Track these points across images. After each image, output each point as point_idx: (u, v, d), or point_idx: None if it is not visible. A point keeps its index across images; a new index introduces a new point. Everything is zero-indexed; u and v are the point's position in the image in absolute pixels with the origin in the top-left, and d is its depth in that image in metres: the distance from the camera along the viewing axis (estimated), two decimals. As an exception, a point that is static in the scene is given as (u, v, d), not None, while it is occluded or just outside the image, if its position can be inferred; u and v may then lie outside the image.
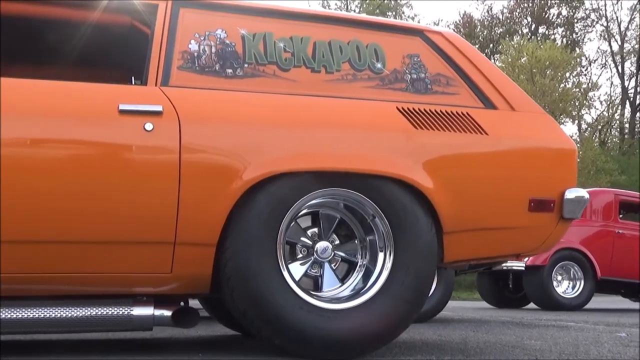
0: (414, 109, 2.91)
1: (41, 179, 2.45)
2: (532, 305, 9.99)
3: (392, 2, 33.08)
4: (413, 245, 2.78)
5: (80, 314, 2.52)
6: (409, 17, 33.07)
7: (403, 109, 2.90)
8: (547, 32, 34.09)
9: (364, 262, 2.86)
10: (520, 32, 33.97)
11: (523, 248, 3.09)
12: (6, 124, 2.44)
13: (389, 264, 2.78)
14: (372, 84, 2.98)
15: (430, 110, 2.93)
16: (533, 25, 34.07)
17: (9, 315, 2.45)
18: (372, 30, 3.10)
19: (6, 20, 2.95)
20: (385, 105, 2.92)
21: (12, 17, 2.93)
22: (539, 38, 31.87)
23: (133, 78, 3.00)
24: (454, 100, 3.03)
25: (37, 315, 2.47)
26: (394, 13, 32.47)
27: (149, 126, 2.55)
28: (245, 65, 2.84)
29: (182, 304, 2.81)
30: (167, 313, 2.65)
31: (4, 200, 2.39)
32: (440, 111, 2.94)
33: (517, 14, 34.14)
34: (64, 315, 2.50)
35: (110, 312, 2.56)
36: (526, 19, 34.30)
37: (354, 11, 31.24)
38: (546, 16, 33.90)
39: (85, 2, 2.84)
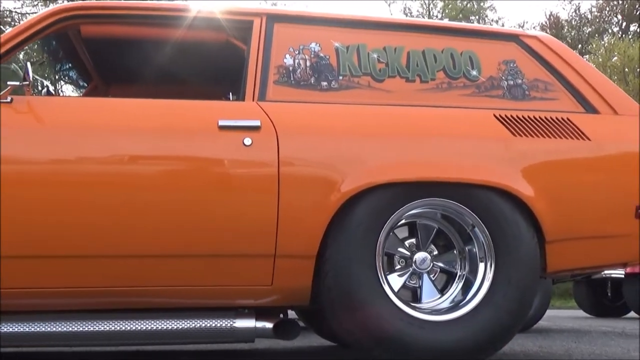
0: (511, 116, 2.86)
1: (146, 194, 2.53)
2: (632, 314, 9.60)
3: (475, 6, 32.61)
4: (515, 256, 2.72)
5: (186, 326, 2.57)
6: (492, 20, 32.50)
7: (501, 116, 2.85)
8: (638, 30, 32.84)
9: (464, 273, 2.81)
10: (610, 30, 32.86)
11: (630, 256, 2.97)
12: (112, 142, 2.55)
13: (490, 275, 2.73)
14: (467, 91, 2.94)
15: (528, 117, 2.86)
16: (624, 24, 32.91)
17: (118, 328, 2.53)
18: (466, 38, 3.06)
19: (108, 42, 3.07)
20: (482, 113, 2.87)
21: (113, 40, 3.03)
22: (630, 36, 30.75)
23: (231, 94, 3.06)
24: (553, 105, 2.96)
25: (144, 328, 2.55)
26: (477, 17, 32.00)
27: (247, 141, 2.59)
28: (340, 78, 2.85)
29: (281, 315, 2.83)
30: (269, 325, 2.67)
31: (110, 216, 2.48)
32: (539, 117, 2.87)
33: (606, 12, 33.06)
34: (171, 327, 2.56)
35: (214, 324, 2.60)
36: (616, 17, 33.15)
37: (436, 17, 30.95)
38: (637, 13, 32.68)
39: (182, 22, 2.91)
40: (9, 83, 2.55)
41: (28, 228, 2.45)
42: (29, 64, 2.58)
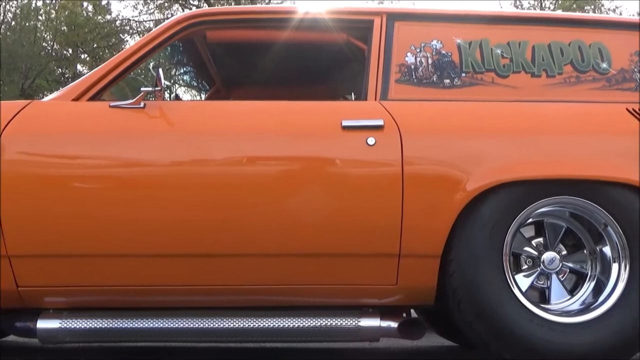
0: (646, 109, 2.73)
1: (272, 195, 2.58)
2: None
3: (590, -4, 31.33)
4: None
5: (312, 325, 2.61)
6: (609, 9, 31.14)
7: (634, 110, 2.73)
8: None
9: (595, 274, 2.71)
10: None
11: None
12: (241, 144, 2.62)
13: (624, 276, 2.61)
14: (597, 85, 2.83)
15: (664, 110, 2.73)
16: None
17: (247, 325, 2.60)
18: (594, 29, 2.94)
19: (232, 46, 3.15)
20: (614, 107, 2.76)
21: (237, 43, 3.11)
22: None
23: (353, 94, 3.08)
24: None
25: (273, 325, 2.60)
26: (592, 7, 30.76)
27: (371, 140, 2.60)
28: (463, 75, 2.81)
29: (404, 315, 2.82)
30: (394, 324, 2.67)
31: (239, 217, 2.55)
32: None
33: None
34: (298, 325, 2.60)
35: (339, 323, 2.62)
36: None
37: (549, 8, 29.99)
38: None
39: (304, 23, 2.95)
40: (142, 89, 2.66)
41: (160, 229, 2.56)
42: (160, 70, 2.67)
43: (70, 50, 27.27)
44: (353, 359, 3.40)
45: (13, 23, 25.92)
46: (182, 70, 4.21)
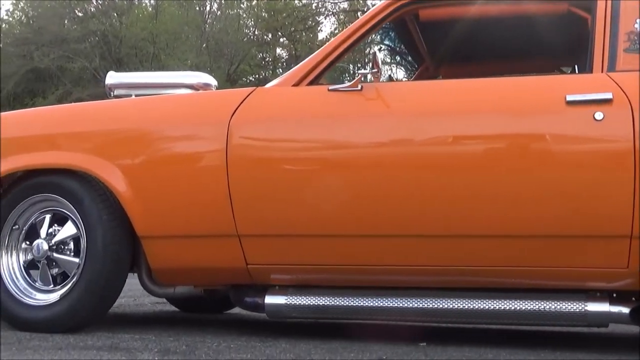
0: None
1: (494, 174, 2.52)
2: None
3: None
4: None
5: (538, 308, 2.54)
6: None
7: None
8: None
9: None
10: None
11: None
12: (462, 123, 2.59)
13: None
14: None
15: None
16: None
17: (471, 306, 2.58)
18: None
19: (444, 23, 3.11)
20: None
21: (449, 20, 3.07)
22: None
23: (576, 66, 2.93)
24: None
25: (498, 307, 2.56)
26: None
27: (599, 115, 2.45)
28: (703, 39, 2.56)
29: (632, 299, 2.65)
30: (625, 310, 2.53)
31: (462, 197, 2.53)
32: None
33: None
34: (523, 308, 2.54)
35: (564, 307, 2.53)
36: None
37: None
38: None
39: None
40: (358, 72, 2.70)
41: (379, 210, 2.59)
42: (377, 52, 2.69)
43: (270, 35, 28.51)
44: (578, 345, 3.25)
45: (218, 12, 27.55)
46: (383, 49, 4.23)
